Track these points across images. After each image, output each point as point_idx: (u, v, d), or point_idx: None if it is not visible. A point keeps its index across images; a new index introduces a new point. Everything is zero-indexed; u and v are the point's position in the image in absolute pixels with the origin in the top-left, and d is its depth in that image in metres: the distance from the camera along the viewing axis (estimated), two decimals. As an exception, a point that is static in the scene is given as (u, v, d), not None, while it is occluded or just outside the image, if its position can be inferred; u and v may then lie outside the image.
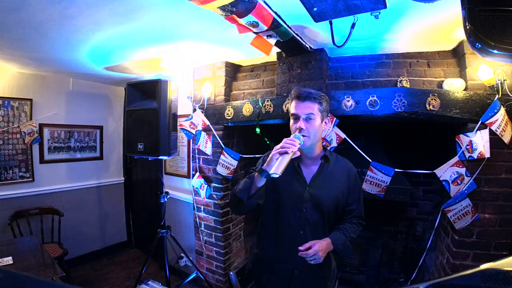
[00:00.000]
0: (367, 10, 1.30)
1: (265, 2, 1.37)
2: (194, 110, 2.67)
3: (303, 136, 1.24)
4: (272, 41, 1.81)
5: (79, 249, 3.41)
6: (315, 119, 1.27)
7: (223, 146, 2.55)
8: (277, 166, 1.10)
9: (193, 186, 2.81)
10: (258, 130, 2.28)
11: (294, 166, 1.35)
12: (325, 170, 1.36)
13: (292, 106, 1.31)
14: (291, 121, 1.32)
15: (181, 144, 3.16)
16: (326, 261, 1.37)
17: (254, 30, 1.57)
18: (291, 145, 1.15)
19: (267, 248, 1.42)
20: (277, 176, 1.10)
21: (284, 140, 1.18)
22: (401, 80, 2.02)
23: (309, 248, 1.20)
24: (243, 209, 1.30)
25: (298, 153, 1.21)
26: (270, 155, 1.18)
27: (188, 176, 3.14)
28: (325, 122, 1.35)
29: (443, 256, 1.94)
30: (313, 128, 1.27)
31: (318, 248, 1.21)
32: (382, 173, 1.94)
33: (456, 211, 1.74)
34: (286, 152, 1.13)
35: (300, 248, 1.20)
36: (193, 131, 2.58)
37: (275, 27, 1.58)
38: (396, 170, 1.91)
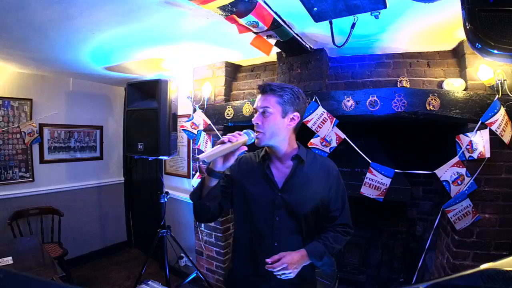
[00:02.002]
0: (367, 10, 1.30)
1: (265, 2, 1.38)
2: (194, 110, 2.67)
3: (258, 131, 1.13)
4: (272, 41, 1.81)
5: (79, 249, 3.41)
6: (272, 113, 1.12)
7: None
8: (207, 152, 1.01)
9: (193, 186, 2.81)
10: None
11: (263, 168, 1.21)
12: (299, 171, 1.19)
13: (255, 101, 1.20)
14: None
15: (181, 144, 3.16)
16: (308, 276, 1.22)
17: (254, 30, 1.57)
18: (232, 136, 1.06)
19: (241, 263, 1.26)
20: (206, 162, 0.99)
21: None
22: (401, 80, 2.02)
23: (278, 260, 1.04)
24: (198, 213, 1.16)
25: (245, 148, 1.09)
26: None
27: (188, 176, 3.14)
28: (292, 118, 1.16)
29: (443, 256, 1.94)
30: (269, 123, 1.12)
31: (287, 261, 1.04)
32: (382, 175, 1.93)
33: (456, 211, 1.74)
34: (223, 142, 1.04)
35: (267, 260, 1.04)
36: (195, 131, 2.58)
37: (275, 27, 1.58)
38: (396, 171, 1.91)
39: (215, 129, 2.60)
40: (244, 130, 1.13)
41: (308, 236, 1.20)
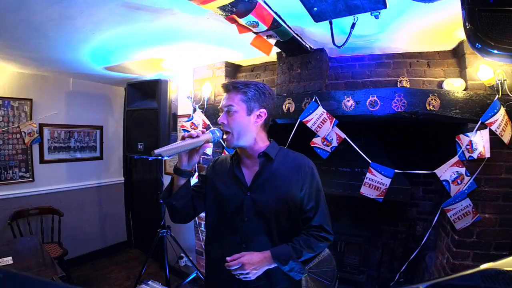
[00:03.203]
0: (367, 10, 1.30)
1: (265, 2, 1.37)
2: (194, 110, 2.67)
3: (226, 132, 1.10)
4: (272, 41, 1.81)
5: (79, 249, 3.41)
6: (237, 112, 1.08)
7: (224, 146, 2.55)
8: (165, 147, 0.98)
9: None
10: None
11: (232, 168, 1.18)
12: (267, 169, 1.14)
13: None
14: None
15: (181, 144, 3.16)
16: (280, 283, 1.12)
17: (254, 30, 1.57)
18: (194, 133, 1.05)
19: (213, 268, 1.20)
20: (161, 157, 0.96)
21: None
22: (401, 80, 2.02)
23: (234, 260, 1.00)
24: (169, 213, 1.16)
25: (209, 146, 1.09)
26: None
27: (188, 176, 3.13)
28: (258, 115, 1.12)
29: (443, 256, 1.94)
30: (234, 121, 1.08)
31: (244, 261, 0.98)
32: (382, 175, 1.93)
33: (456, 210, 1.74)
34: (183, 138, 1.03)
35: (228, 258, 1.00)
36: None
37: (275, 27, 1.58)
38: (396, 171, 1.91)
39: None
40: (210, 129, 1.12)
41: (281, 239, 1.12)
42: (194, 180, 2.86)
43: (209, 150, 2.63)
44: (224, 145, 1.12)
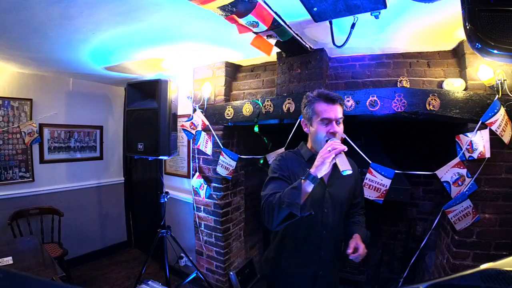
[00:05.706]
0: (367, 10, 1.30)
1: (265, 2, 1.38)
2: (194, 110, 2.67)
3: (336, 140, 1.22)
4: (272, 41, 1.81)
5: (79, 249, 3.41)
6: (341, 123, 1.30)
7: (222, 147, 2.55)
8: (344, 164, 1.11)
9: (193, 186, 2.81)
10: (256, 128, 2.27)
11: (308, 169, 1.28)
12: (337, 168, 1.34)
13: (321, 109, 1.27)
14: (318, 125, 1.28)
15: (181, 144, 3.16)
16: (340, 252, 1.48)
17: (254, 30, 1.57)
18: (340, 145, 1.16)
19: (288, 254, 1.41)
20: (351, 172, 1.11)
21: (331, 144, 1.16)
22: (401, 80, 2.02)
23: (356, 249, 1.27)
24: (284, 223, 1.19)
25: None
26: (321, 160, 1.13)
27: (188, 176, 3.14)
28: None
29: (443, 256, 1.94)
30: (342, 131, 1.29)
31: (364, 248, 1.28)
32: (382, 176, 1.92)
33: (456, 212, 1.74)
34: (340, 152, 1.14)
35: (349, 251, 1.26)
36: (194, 132, 2.58)
37: (275, 27, 1.58)
38: (396, 171, 1.90)
39: (212, 129, 2.60)
40: (332, 139, 1.21)
41: (344, 221, 1.45)
42: (195, 180, 2.86)
43: (209, 150, 2.64)
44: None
